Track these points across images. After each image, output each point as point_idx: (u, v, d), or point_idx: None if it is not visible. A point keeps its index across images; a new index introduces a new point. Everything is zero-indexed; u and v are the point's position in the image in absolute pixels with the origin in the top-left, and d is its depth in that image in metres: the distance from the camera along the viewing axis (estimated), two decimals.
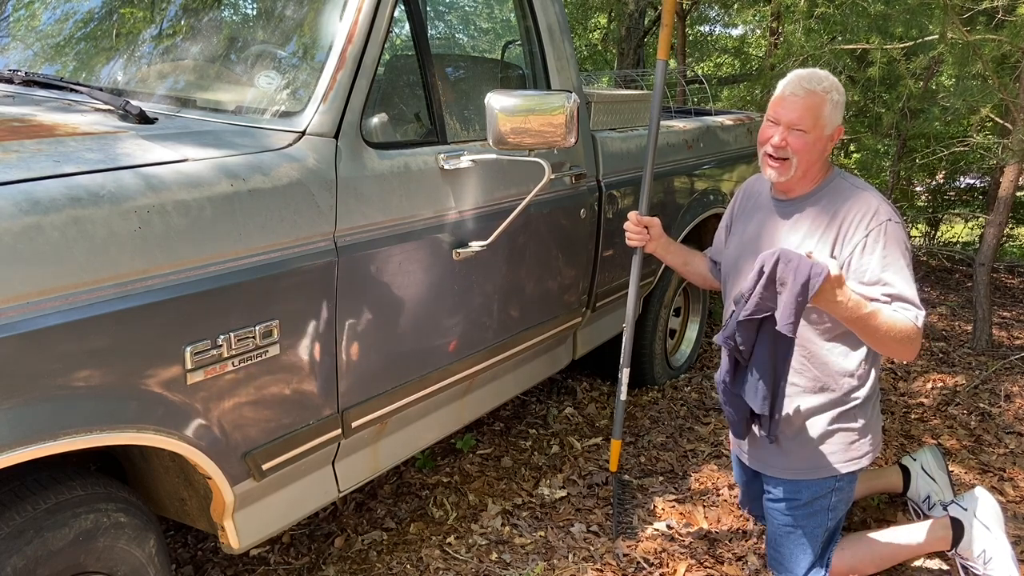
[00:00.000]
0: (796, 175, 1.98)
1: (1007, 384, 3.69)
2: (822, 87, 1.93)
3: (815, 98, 1.92)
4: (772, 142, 1.97)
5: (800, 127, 1.93)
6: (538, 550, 2.37)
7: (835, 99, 1.94)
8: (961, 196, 6.69)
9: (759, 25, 9.32)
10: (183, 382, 1.47)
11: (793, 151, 1.95)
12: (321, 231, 1.69)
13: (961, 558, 2.18)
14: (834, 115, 1.95)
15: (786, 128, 1.95)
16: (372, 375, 1.91)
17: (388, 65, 2.14)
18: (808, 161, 1.97)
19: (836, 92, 1.95)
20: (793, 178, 1.99)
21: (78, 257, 1.29)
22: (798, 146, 1.94)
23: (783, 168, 1.98)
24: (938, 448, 2.59)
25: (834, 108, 1.94)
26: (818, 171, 2.01)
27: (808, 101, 1.92)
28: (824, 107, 1.93)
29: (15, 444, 1.23)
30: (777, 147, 1.96)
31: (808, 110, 1.92)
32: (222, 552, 2.25)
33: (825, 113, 1.93)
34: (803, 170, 1.98)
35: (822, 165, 2.02)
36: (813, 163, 1.98)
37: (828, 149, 1.99)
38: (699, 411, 3.38)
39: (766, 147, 1.99)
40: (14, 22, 2.30)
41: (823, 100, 1.93)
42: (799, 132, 1.94)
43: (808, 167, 1.98)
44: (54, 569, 1.39)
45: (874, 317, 1.80)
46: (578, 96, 2.03)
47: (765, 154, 2.00)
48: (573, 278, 2.67)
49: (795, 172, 1.98)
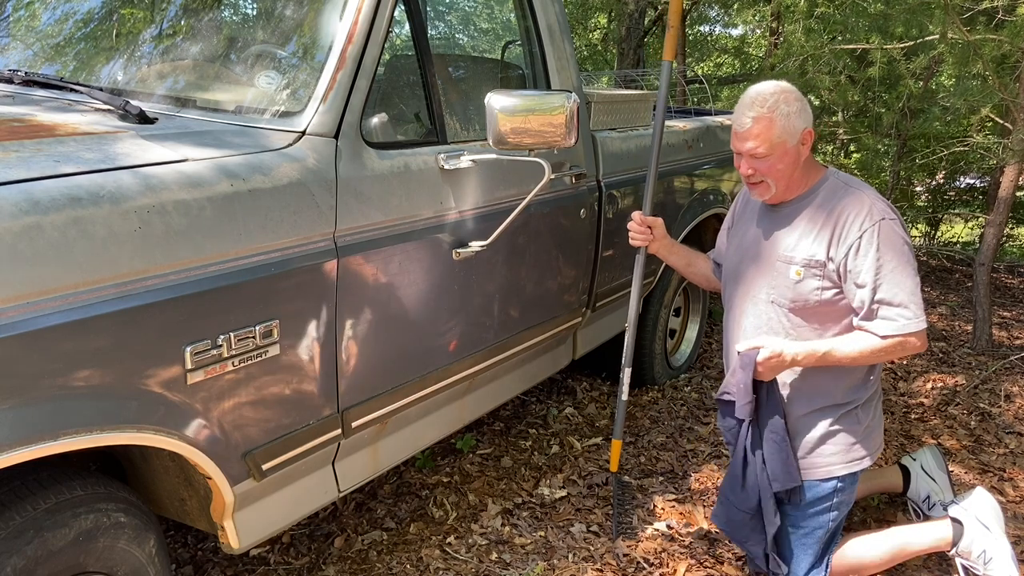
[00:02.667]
0: (779, 190, 2.00)
1: (1007, 384, 3.69)
2: (767, 107, 1.91)
3: (761, 123, 1.91)
4: (741, 171, 2.01)
5: (757, 154, 1.94)
6: (538, 550, 2.37)
7: (784, 111, 1.91)
8: (961, 196, 6.69)
9: (759, 25, 9.32)
10: (183, 382, 1.47)
11: (763, 175, 1.97)
12: (321, 231, 1.69)
13: (961, 558, 2.18)
14: (791, 125, 1.92)
15: (748, 157, 1.97)
16: (372, 375, 1.91)
17: (388, 65, 2.14)
18: (784, 177, 1.98)
19: (784, 104, 1.91)
20: (777, 193, 2.01)
21: (78, 257, 1.29)
22: (765, 169, 1.96)
23: (762, 189, 2.02)
24: (938, 448, 2.59)
25: (788, 119, 1.91)
26: (801, 177, 2.01)
27: (755, 129, 1.92)
28: (774, 126, 1.91)
29: (15, 444, 1.23)
30: (746, 176, 2.00)
31: (759, 136, 1.92)
32: (222, 552, 2.25)
33: (776, 132, 1.91)
34: (783, 185, 2.00)
35: (805, 170, 2.01)
36: (790, 175, 1.99)
37: (803, 154, 1.98)
38: (699, 411, 3.38)
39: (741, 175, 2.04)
40: (14, 22, 2.30)
41: (770, 120, 1.91)
42: (761, 158, 1.94)
43: (787, 182, 2.00)
44: (54, 569, 1.39)
45: (832, 355, 1.93)
46: (578, 96, 2.03)
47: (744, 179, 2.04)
48: (573, 278, 2.67)
49: (776, 189, 2.00)
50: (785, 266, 2.00)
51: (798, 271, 1.98)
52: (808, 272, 1.96)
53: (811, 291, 1.96)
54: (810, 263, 1.96)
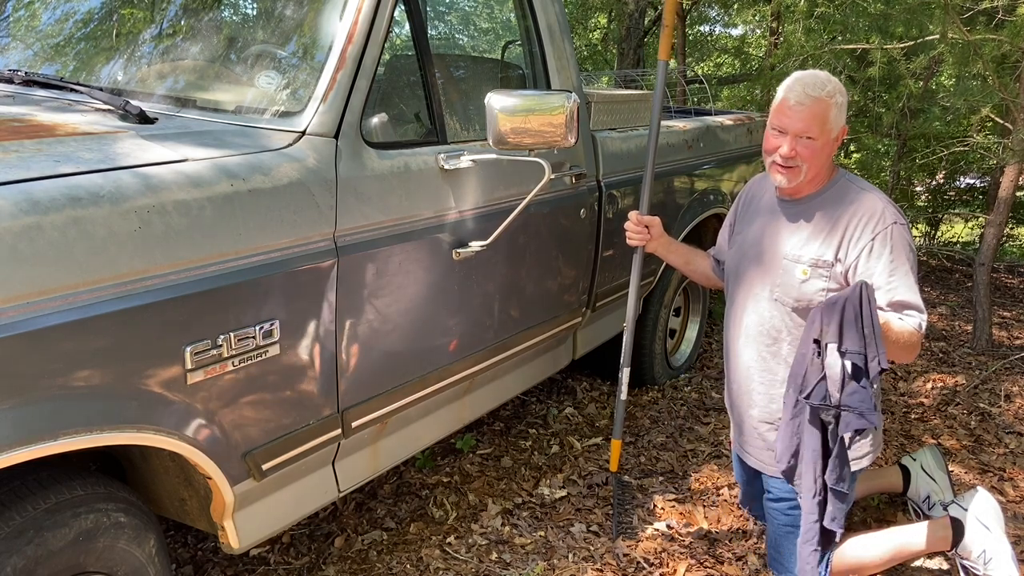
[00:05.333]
0: (806, 179, 1.98)
1: (1007, 384, 3.69)
2: (826, 92, 1.91)
3: (821, 105, 1.91)
4: (781, 152, 1.95)
5: (809, 135, 1.92)
6: (538, 550, 2.37)
7: (839, 102, 1.93)
8: (961, 196, 6.70)
9: (759, 25, 9.32)
10: (183, 382, 1.47)
11: (803, 159, 1.94)
12: (321, 231, 1.69)
13: (961, 558, 2.18)
14: (839, 117, 1.94)
15: (794, 137, 1.93)
16: (372, 375, 1.91)
17: (388, 65, 2.14)
18: (817, 166, 1.97)
19: (840, 94, 1.93)
20: (803, 182, 1.99)
21: (78, 257, 1.29)
22: (807, 154, 1.94)
23: (793, 174, 1.98)
24: (938, 448, 2.59)
25: (839, 111, 1.93)
26: (826, 173, 2.02)
27: (814, 109, 1.91)
28: (830, 112, 1.91)
29: (15, 444, 1.23)
30: (787, 157, 1.95)
31: (815, 118, 1.91)
32: (222, 552, 2.25)
33: (831, 118, 1.92)
34: (812, 174, 1.98)
35: (828, 166, 2.02)
36: (822, 167, 1.98)
37: (834, 150, 1.99)
38: (699, 411, 3.38)
39: (774, 156, 1.98)
40: (14, 22, 2.30)
41: (828, 105, 1.91)
42: (808, 140, 1.93)
43: (817, 171, 1.98)
44: (54, 569, 1.39)
45: (887, 329, 1.81)
46: (578, 96, 2.03)
47: (773, 163, 2.00)
48: (573, 278, 2.67)
49: (805, 177, 1.98)
50: (792, 265, 2.00)
51: (805, 271, 1.97)
52: (815, 272, 1.96)
53: (816, 292, 1.96)
54: (818, 263, 1.96)
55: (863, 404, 1.76)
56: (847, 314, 1.73)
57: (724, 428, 3.18)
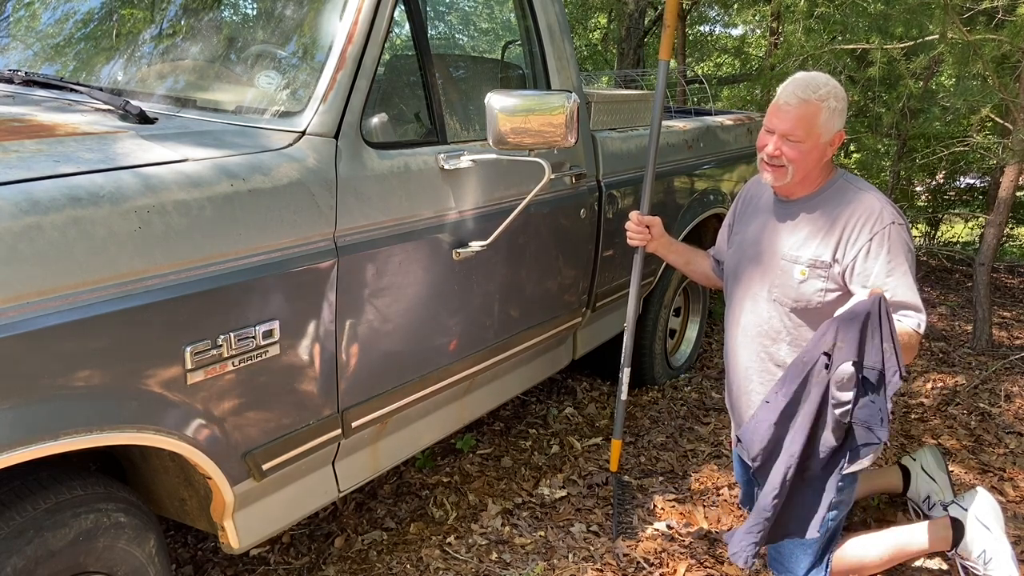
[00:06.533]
0: (793, 180, 1.98)
1: (1007, 384, 3.69)
2: (818, 95, 1.90)
3: (809, 107, 1.89)
4: (766, 151, 1.97)
5: (793, 137, 1.92)
6: (538, 550, 2.37)
7: (832, 106, 1.91)
8: (961, 196, 6.70)
9: (759, 25, 9.32)
10: (183, 382, 1.47)
11: (788, 160, 1.94)
12: (321, 231, 1.69)
13: (961, 558, 2.18)
14: (832, 122, 1.92)
15: (780, 137, 1.94)
16: (372, 375, 1.91)
17: (388, 65, 2.14)
18: (805, 168, 1.96)
19: (834, 99, 1.91)
20: (791, 183, 1.99)
21: (78, 257, 1.29)
22: (792, 155, 1.93)
23: (779, 174, 1.98)
24: (938, 448, 2.59)
25: (832, 115, 1.91)
26: (818, 175, 2.01)
27: (801, 111, 1.90)
28: (819, 116, 1.90)
29: (15, 444, 1.23)
30: (771, 156, 1.96)
31: (801, 120, 1.90)
32: (222, 552, 2.25)
33: (820, 122, 1.90)
34: (800, 176, 1.97)
35: (823, 169, 2.01)
36: (811, 170, 1.97)
37: (828, 154, 1.97)
38: (699, 411, 3.38)
39: (762, 154, 2.00)
40: (14, 22, 2.30)
41: (818, 109, 1.90)
42: (793, 142, 1.92)
43: (805, 174, 1.97)
44: (54, 569, 1.39)
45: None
46: (578, 96, 2.03)
47: (762, 159, 2.00)
48: (573, 278, 2.67)
49: (791, 178, 1.97)
50: (790, 265, 2.00)
51: (803, 271, 1.97)
52: (813, 273, 1.96)
53: (814, 292, 1.96)
54: (815, 263, 1.96)
55: (871, 419, 1.76)
56: (867, 331, 1.73)
57: (724, 428, 3.18)
